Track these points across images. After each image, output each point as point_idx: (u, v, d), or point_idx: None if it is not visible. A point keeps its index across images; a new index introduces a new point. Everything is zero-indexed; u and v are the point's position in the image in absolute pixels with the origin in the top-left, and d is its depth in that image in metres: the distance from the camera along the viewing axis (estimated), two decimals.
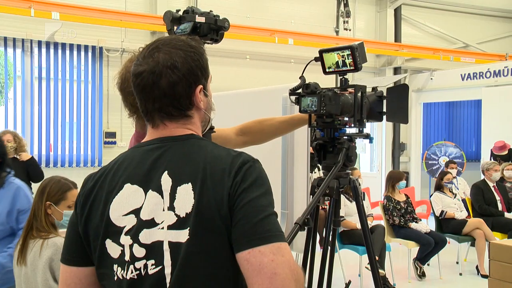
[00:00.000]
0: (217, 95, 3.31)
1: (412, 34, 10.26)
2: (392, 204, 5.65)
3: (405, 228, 5.55)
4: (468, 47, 10.64)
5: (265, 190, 1.18)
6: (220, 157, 1.19)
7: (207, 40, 1.87)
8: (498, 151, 8.33)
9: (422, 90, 10.10)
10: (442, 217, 5.99)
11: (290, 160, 2.85)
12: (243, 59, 8.58)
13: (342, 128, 2.12)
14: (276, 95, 2.85)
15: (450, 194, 6.17)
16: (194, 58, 1.24)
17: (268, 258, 1.08)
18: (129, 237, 1.17)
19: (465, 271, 5.77)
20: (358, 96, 2.09)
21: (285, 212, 2.73)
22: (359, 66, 2.09)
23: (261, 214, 1.14)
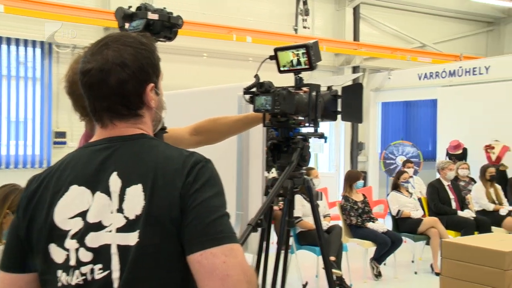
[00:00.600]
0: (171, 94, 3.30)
1: (371, 33, 10.50)
2: (350, 204, 5.78)
3: (362, 228, 5.69)
4: (424, 47, 10.99)
5: (217, 190, 1.19)
6: (172, 157, 1.19)
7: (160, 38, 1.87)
8: (453, 150, 8.66)
9: (380, 90, 10.37)
10: (398, 216, 6.17)
11: (245, 160, 2.87)
12: (200, 57, 8.56)
13: (296, 128, 2.16)
14: (232, 93, 2.87)
15: (406, 193, 6.37)
16: (145, 56, 1.23)
17: (220, 259, 1.08)
18: (75, 241, 1.16)
19: (420, 270, 5.97)
20: (312, 95, 2.14)
21: (240, 213, 2.76)
22: (314, 65, 2.14)
23: (213, 214, 1.15)
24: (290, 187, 2.14)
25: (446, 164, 6.80)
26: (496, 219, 6.59)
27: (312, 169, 5.98)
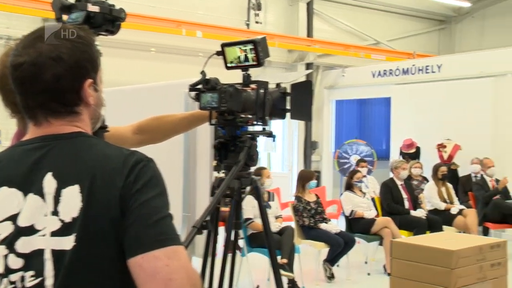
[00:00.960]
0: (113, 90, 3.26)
1: (324, 29, 10.69)
2: (302, 205, 5.86)
3: (315, 229, 5.79)
4: (378, 44, 11.29)
5: (160, 190, 1.18)
6: (112, 156, 1.18)
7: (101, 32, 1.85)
8: (406, 149, 8.94)
9: (334, 87, 10.57)
10: (351, 216, 6.32)
11: (192, 159, 2.87)
12: (147, 52, 8.46)
13: (244, 126, 2.19)
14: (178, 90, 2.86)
15: (360, 193, 6.53)
16: (82, 50, 1.22)
17: (163, 262, 1.07)
18: (4, 247, 1.13)
19: (373, 271, 6.14)
20: (260, 93, 2.17)
21: (186, 215, 2.76)
22: (261, 61, 2.17)
23: (155, 216, 1.14)
24: (237, 187, 2.16)
25: (399, 163, 7.01)
26: (447, 218, 6.85)
27: (264, 169, 6.03)
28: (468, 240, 3.23)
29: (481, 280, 2.78)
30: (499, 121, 8.22)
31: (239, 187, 2.18)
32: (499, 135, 8.21)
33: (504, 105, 8.17)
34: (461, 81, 8.63)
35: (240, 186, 2.18)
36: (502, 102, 8.20)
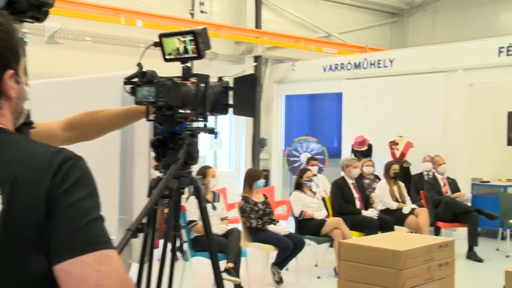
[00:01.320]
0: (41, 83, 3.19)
1: (273, 20, 10.77)
2: (249, 206, 5.90)
3: (262, 231, 5.83)
4: (330, 37, 11.48)
5: (90, 191, 1.16)
6: (36, 154, 1.14)
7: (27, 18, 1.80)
8: (358, 147, 9.15)
9: (283, 82, 10.68)
10: (301, 217, 6.42)
11: (129, 158, 2.85)
12: (82, 42, 8.28)
13: (183, 122, 2.18)
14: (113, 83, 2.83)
15: (310, 192, 6.62)
16: (2, 38, 1.18)
17: (93, 268, 1.06)
18: None
19: (324, 274, 6.25)
20: (201, 87, 2.17)
21: (123, 217, 2.74)
22: (202, 53, 2.17)
23: (85, 218, 1.12)
24: (176, 187, 2.16)
25: (351, 161, 7.17)
26: (399, 218, 7.07)
27: (209, 168, 6.03)
28: (417, 240, 3.35)
29: (429, 280, 2.90)
30: (450, 118, 8.55)
31: (178, 187, 2.17)
32: (450, 132, 8.54)
33: (456, 101, 8.50)
34: (413, 76, 8.91)
35: (179, 186, 2.17)
36: (453, 98, 8.53)
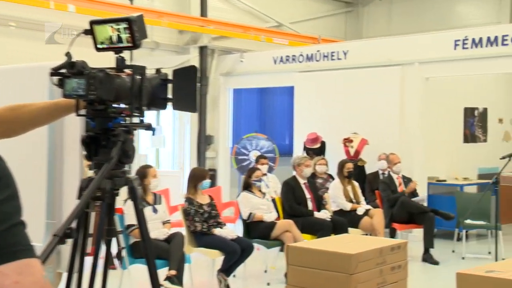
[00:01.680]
0: None
1: (220, 8, 10.75)
2: (194, 208, 5.88)
3: (208, 235, 5.83)
4: (281, 26, 11.55)
5: (10, 193, 1.13)
6: None
7: None
8: (310, 144, 9.25)
9: (231, 74, 10.68)
10: (250, 220, 6.44)
11: (58, 157, 2.80)
12: (5, 27, 8.04)
13: (117, 117, 2.16)
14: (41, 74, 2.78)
15: (259, 193, 6.65)
16: None
17: (12, 279, 1.04)
18: None
19: (273, 280, 6.30)
20: (136, 79, 2.15)
21: (51, 222, 2.68)
22: (137, 42, 2.14)
23: (4, 223, 1.09)
24: (109, 188, 2.13)
25: (302, 159, 7.25)
26: (353, 219, 7.20)
27: (150, 167, 5.98)
28: (369, 242, 3.42)
29: (381, 285, 2.97)
30: (406, 114, 8.77)
31: (112, 188, 2.15)
32: (406, 128, 8.76)
33: (412, 96, 8.73)
34: (368, 69, 9.09)
35: (112, 187, 2.15)
36: (409, 92, 8.75)
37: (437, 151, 9.22)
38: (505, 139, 10.63)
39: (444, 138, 9.42)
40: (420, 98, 8.69)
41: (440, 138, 9.27)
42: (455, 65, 8.35)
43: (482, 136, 10.25)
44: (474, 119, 10.11)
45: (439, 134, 9.22)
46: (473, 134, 10.11)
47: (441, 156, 9.40)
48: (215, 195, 6.84)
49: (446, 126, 9.51)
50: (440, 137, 9.29)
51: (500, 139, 10.52)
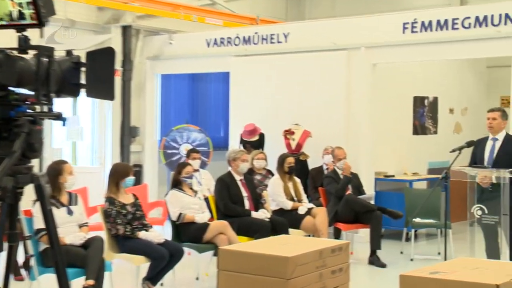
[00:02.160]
0: None
1: None
2: (116, 209, 5.81)
3: (132, 239, 5.77)
4: (214, 5, 11.51)
5: None
6: None
7: None
8: (247, 136, 9.29)
9: (159, 58, 10.58)
10: (180, 221, 6.42)
11: None
12: None
13: (20, 106, 2.11)
14: None
15: (190, 191, 6.64)
16: None
17: None
18: None
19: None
20: (43, 62, 2.10)
21: None
22: (43, 20, 2.10)
23: None
24: (11, 187, 2.08)
25: (239, 153, 7.27)
26: (295, 219, 7.28)
27: (64, 163, 5.85)
28: (308, 244, 3.47)
29: None
30: (352, 103, 8.93)
31: (14, 187, 2.10)
32: (352, 119, 8.93)
33: (358, 84, 8.89)
34: (311, 54, 9.19)
35: (15, 186, 2.10)
36: (356, 80, 8.91)
37: (385, 144, 9.45)
38: (456, 131, 11.01)
39: (392, 130, 9.66)
40: (367, 86, 8.86)
41: (388, 130, 9.50)
42: (403, 50, 8.56)
43: (432, 128, 10.57)
44: (424, 109, 10.41)
45: (387, 126, 9.44)
46: (423, 125, 10.41)
47: (389, 150, 9.64)
48: (140, 194, 6.77)
49: (395, 117, 9.75)
50: (388, 129, 9.52)
51: (451, 131, 10.90)
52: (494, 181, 5.88)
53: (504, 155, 6.26)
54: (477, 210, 5.96)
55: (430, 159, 10.30)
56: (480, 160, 6.36)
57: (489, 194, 5.97)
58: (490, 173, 5.96)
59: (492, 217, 5.88)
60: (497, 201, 5.83)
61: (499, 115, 6.37)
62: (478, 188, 6.04)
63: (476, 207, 5.97)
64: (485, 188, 5.99)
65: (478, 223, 6.07)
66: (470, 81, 11.38)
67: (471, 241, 6.06)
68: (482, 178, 5.99)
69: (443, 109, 10.74)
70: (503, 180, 5.79)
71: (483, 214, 5.93)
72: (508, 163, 6.06)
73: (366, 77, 8.87)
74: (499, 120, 6.35)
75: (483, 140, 6.51)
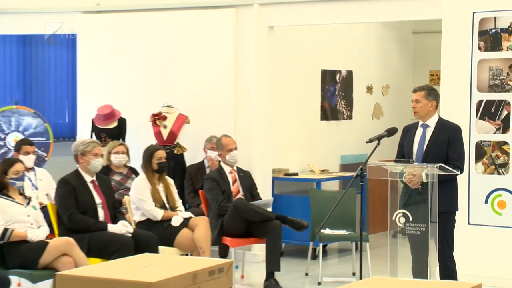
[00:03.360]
0: None
1: None
2: None
3: None
4: None
5: None
6: None
7: None
8: (103, 123, 9.18)
9: None
10: (5, 240, 6.26)
11: None
12: None
13: None
14: None
15: (20, 198, 6.51)
16: None
17: None
18: None
19: None
20: None
21: None
22: None
23: None
24: None
25: (90, 146, 7.14)
26: (167, 233, 7.26)
27: None
28: (178, 265, 3.43)
29: None
30: (243, 78, 9.00)
31: None
32: (243, 100, 9.00)
33: (250, 52, 8.97)
34: (189, 12, 9.21)
35: None
36: (247, 47, 8.98)
37: (285, 133, 9.59)
38: (375, 116, 11.33)
39: (294, 114, 9.81)
40: (262, 56, 8.95)
41: (289, 114, 9.65)
42: (307, 10, 8.68)
43: (346, 111, 10.82)
44: (336, 87, 10.63)
45: (288, 108, 9.58)
46: (334, 108, 10.63)
47: (290, 140, 9.79)
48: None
49: (298, 97, 9.91)
50: (290, 113, 9.66)
51: (369, 115, 11.20)
52: (425, 179, 6.01)
53: (435, 146, 6.37)
54: (399, 217, 6.11)
55: (343, 152, 10.56)
56: (408, 153, 6.45)
57: (416, 197, 6.12)
58: (420, 169, 6.07)
59: (417, 225, 6.02)
60: (425, 204, 5.99)
61: (424, 95, 6.39)
62: (406, 190, 6.19)
63: (398, 214, 6.11)
64: (414, 189, 6.11)
65: (402, 234, 6.23)
66: (392, 51, 11.74)
67: (392, 257, 6.17)
68: (410, 176, 6.14)
69: (359, 87, 11.02)
70: (431, 178, 5.93)
71: (407, 222, 6.08)
72: (439, 156, 6.23)
73: (260, 45, 8.96)
74: (424, 101, 6.37)
75: (412, 127, 6.59)
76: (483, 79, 7.72)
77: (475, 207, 7.75)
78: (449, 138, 6.39)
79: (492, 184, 7.73)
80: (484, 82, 7.72)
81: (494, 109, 7.72)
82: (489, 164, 7.74)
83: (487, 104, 7.75)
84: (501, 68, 7.65)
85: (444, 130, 6.45)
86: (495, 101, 7.71)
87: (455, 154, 6.34)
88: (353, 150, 10.44)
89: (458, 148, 6.43)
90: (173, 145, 8.88)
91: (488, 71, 7.71)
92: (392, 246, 6.22)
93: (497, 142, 7.71)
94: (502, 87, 7.66)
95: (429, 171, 5.93)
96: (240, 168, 8.19)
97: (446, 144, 6.37)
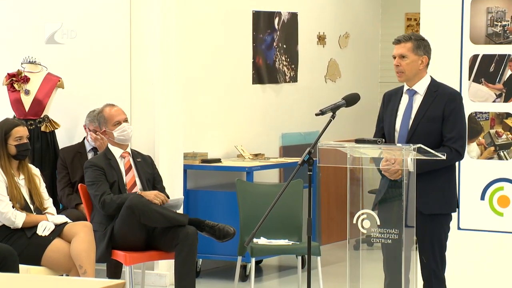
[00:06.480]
0: None
1: None
2: None
3: None
4: None
5: None
6: None
7: None
8: None
9: None
10: None
11: None
12: None
13: None
14: None
15: None
16: None
17: None
18: None
19: None
20: None
21: None
22: None
23: None
24: None
25: None
26: (32, 245, 7.27)
27: None
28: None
29: None
30: (138, 24, 9.00)
31: None
32: (139, 55, 9.05)
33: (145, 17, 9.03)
34: None
35: None
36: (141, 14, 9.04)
37: (202, 102, 9.60)
38: (329, 77, 11.36)
39: (216, 76, 9.83)
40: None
41: (207, 76, 9.66)
42: None
43: (288, 71, 10.83)
44: (274, 36, 10.64)
45: (205, 68, 9.60)
46: (273, 66, 10.64)
47: (210, 113, 9.80)
48: None
49: (220, 51, 9.92)
50: (208, 74, 9.68)
51: (321, 77, 11.24)
52: (411, 168, 5.83)
53: (426, 121, 6.17)
54: (362, 220, 6.08)
55: (284, 129, 10.60)
56: (389, 132, 6.30)
57: (392, 192, 6.04)
58: (402, 152, 5.88)
59: (388, 231, 5.95)
60: (398, 203, 5.93)
61: (411, 48, 6.11)
62: (383, 183, 6.11)
63: (361, 215, 6.07)
64: (393, 181, 5.98)
65: (368, 244, 6.25)
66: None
67: (352, 276, 6.14)
68: (387, 163, 6.03)
69: (306, 36, 11.07)
70: (407, 165, 5.84)
71: (373, 227, 6.02)
72: (431, 135, 6.09)
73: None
74: (412, 57, 6.06)
75: (396, 93, 6.42)
76: (479, 25, 7.68)
77: (467, 205, 7.69)
78: (445, 110, 6.15)
79: (491, 173, 7.68)
80: (480, 29, 7.68)
81: (494, 68, 7.64)
82: (487, 144, 7.67)
83: (484, 61, 7.69)
84: (503, 9, 7.58)
85: (438, 99, 6.21)
86: (495, 57, 7.65)
87: (452, 132, 6.12)
88: (298, 127, 10.49)
89: (457, 124, 6.19)
90: (39, 119, 8.81)
91: (486, 14, 7.66)
92: (352, 261, 6.16)
93: (498, 114, 7.64)
94: (504, 37, 7.59)
95: (405, 155, 5.86)
96: (137, 152, 8.13)
97: (440, 118, 6.15)
